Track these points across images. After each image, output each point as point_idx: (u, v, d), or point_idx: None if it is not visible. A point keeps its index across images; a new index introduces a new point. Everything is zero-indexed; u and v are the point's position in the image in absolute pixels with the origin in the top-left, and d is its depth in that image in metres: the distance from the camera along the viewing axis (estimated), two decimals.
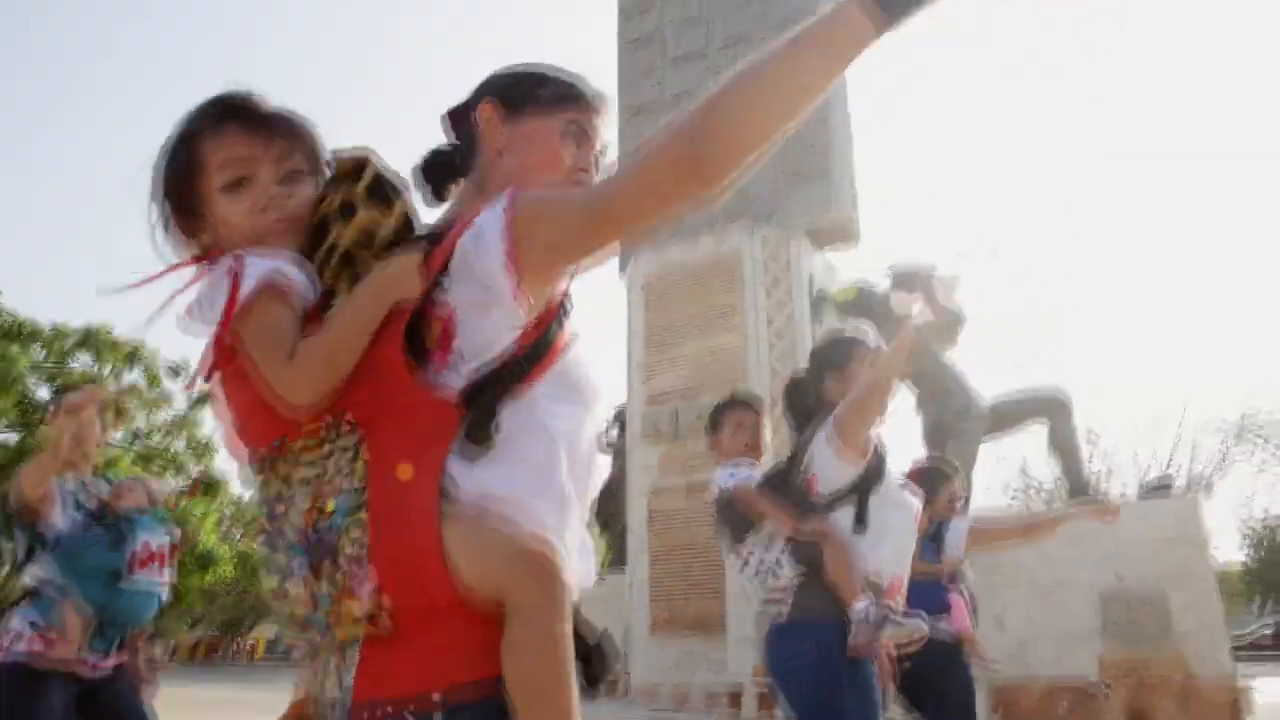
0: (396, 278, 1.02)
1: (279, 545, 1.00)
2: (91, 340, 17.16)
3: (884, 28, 0.90)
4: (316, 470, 0.98)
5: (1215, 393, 29.31)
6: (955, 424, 7.53)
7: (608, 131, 1.26)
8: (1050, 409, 7.63)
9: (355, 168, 1.09)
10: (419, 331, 1.03)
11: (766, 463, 2.92)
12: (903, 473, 2.94)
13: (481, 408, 1.00)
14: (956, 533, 3.84)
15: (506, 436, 1.00)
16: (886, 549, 2.42)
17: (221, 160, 1.08)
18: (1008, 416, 7.79)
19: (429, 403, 1.00)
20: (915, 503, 2.54)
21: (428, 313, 1.04)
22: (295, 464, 1.00)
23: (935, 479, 3.86)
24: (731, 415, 3.07)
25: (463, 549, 0.93)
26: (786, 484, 2.69)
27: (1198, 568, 6.46)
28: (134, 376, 17.64)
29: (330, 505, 0.96)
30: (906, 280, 8.10)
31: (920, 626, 2.31)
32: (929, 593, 3.79)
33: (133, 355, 17.34)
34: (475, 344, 1.03)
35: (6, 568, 2.86)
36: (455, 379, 1.01)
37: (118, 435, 16.27)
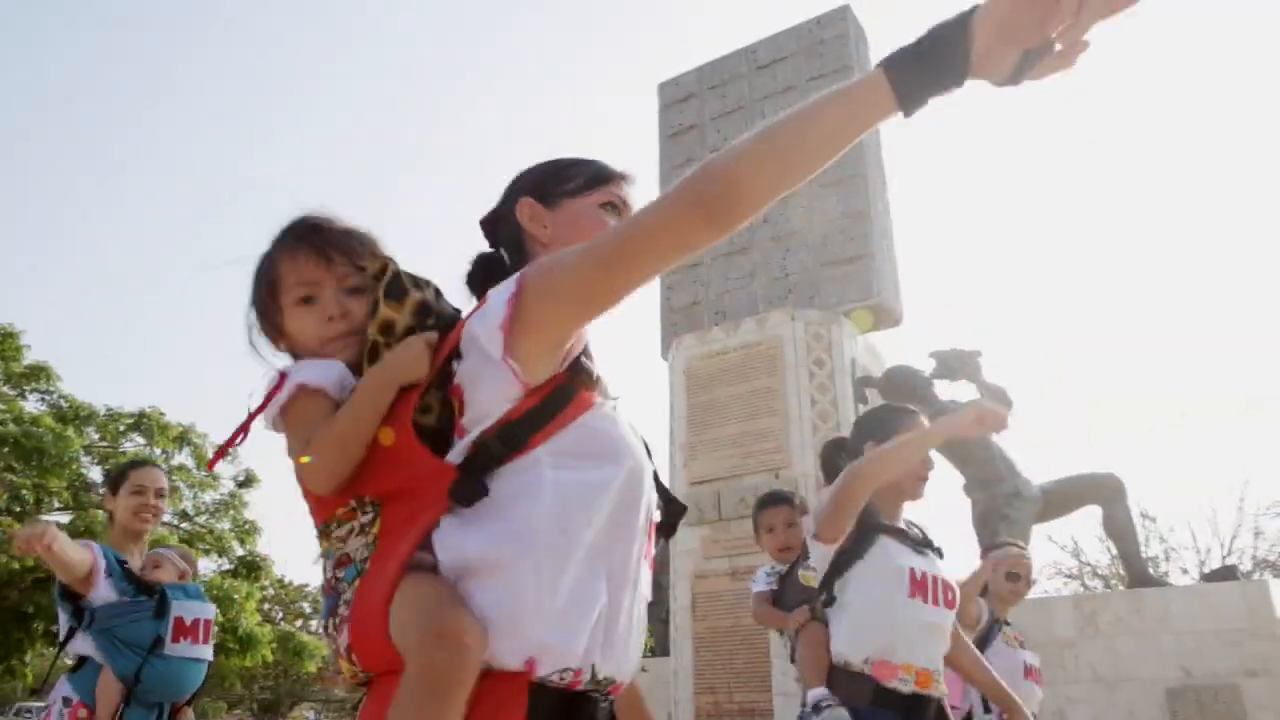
0: (402, 360, 1.12)
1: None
2: (144, 423, 17.57)
3: (906, 111, 0.94)
4: (344, 545, 1.08)
5: (1275, 475, 28.28)
6: (1005, 508, 7.38)
7: (638, 200, 1.31)
8: (1103, 493, 7.47)
9: (379, 271, 1.22)
10: (440, 410, 1.10)
11: None
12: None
13: (466, 471, 1.04)
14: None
15: (498, 499, 1.03)
16: (853, 620, 2.28)
17: (293, 281, 1.24)
18: (1060, 500, 7.62)
19: (434, 473, 1.05)
20: (924, 567, 2.33)
21: (447, 392, 1.10)
22: (332, 539, 1.11)
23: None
24: (765, 517, 3.22)
25: (395, 611, 0.99)
26: (789, 578, 2.85)
27: (1273, 659, 6.15)
28: (183, 458, 17.98)
29: (343, 573, 1.07)
30: (950, 363, 8.08)
31: (838, 717, 2.18)
32: None
33: (182, 437, 17.70)
34: (478, 412, 1.08)
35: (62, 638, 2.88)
36: (463, 449, 1.07)
37: (166, 515, 16.50)
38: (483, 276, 1.28)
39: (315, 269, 1.23)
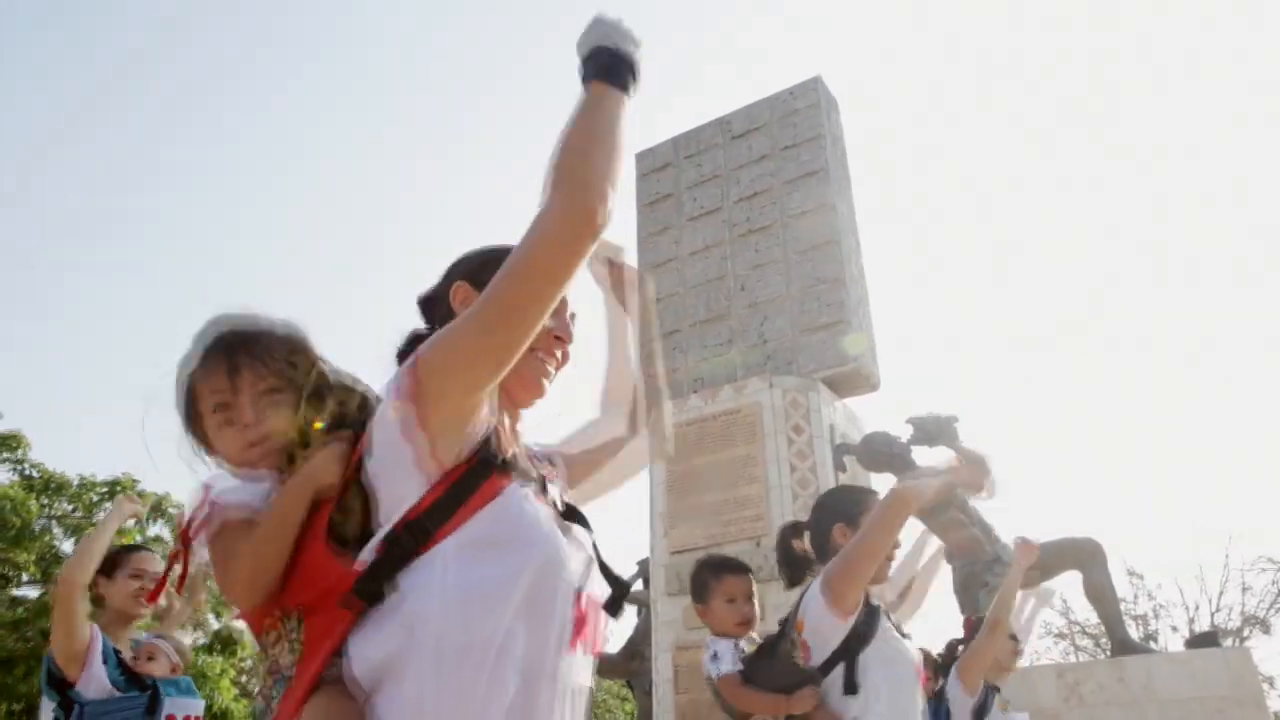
0: (310, 471, 1.13)
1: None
2: (118, 491, 17.27)
3: (620, 89, 1.14)
4: (274, 656, 1.10)
5: (1260, 533, 28.37)
6: (986, 575, 7.35)
7: (575, 301, 1.35)
8: (1082, 558, 7.46)
9: (307, 371, 1.24)
10: (362, 513, 1.12)
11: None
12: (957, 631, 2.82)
13: (373, 571, 1.05)
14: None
15: (400, 597, 1.04)
16: (883, 710, 2.26)
17: (206, 392, 1.24)
18: (1040, 566, 7.58)
19: (345, 580, 1.07)
20: (915, 654, 2.41)
21: (365, 494, 1.12)
22: (266, 650, 1.14)
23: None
24: (727, 585, 2.81)
25: None
26: (775, 655, 2.53)
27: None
28: (158, 529, 17.64)
29: (272, 682, 1.09)
30: (928, 429, 8.12)
31: None
32: None
33: (158, 507, 17.40)
34: (387, 508, 1.09)
35: None
36: (372, 547, 1.08)
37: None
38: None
39: (225, 380, 1.23)
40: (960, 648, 3.96)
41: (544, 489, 1.22)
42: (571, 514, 1.25)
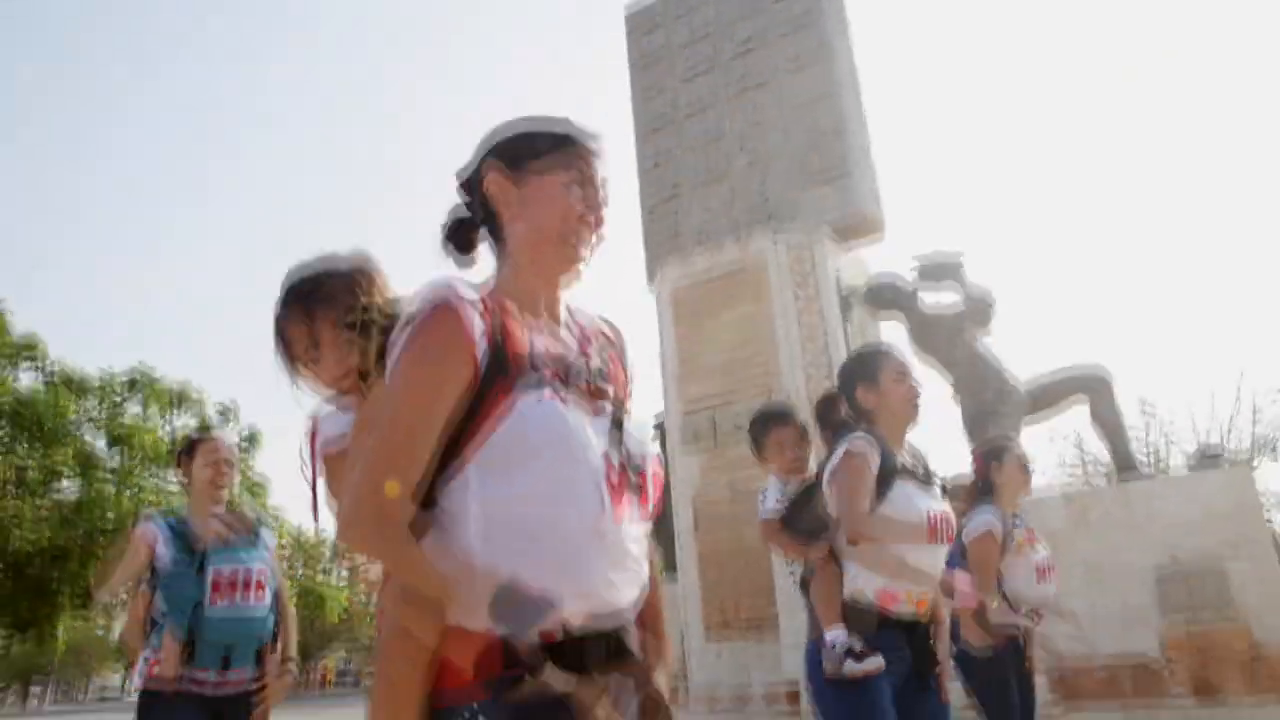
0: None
1: None
2: (138, 385, 17.57)
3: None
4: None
5: (1273, 357, 28.49)
6: (994, 409, 7.50)
7: (605, 167, 1.36)
8: (1089, 386, 7.57)
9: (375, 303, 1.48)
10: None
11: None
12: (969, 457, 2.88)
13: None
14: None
15: (441, 517, 1.15)
16: (883, 565, 2.41)
17: (294, 338, 1.48)
18: (1046, 397, 7.74)
19: None
20: (930, 512, 2.46)
21: None
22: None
23: (997, 452, 3.93)
24: (776, 434, 3.18)
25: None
26: (810, 506, 2.80)
27: (1255, 536, 6.33)
28: (185, 419, 18.06)
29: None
30: (934, 271, 8.10)
31: (876, 663, 2.34)
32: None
33: (181, 397, 17.76)
34: None
35: None
36: None
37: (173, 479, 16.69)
38: (457, 236, 1.35)
39: (305, 326, 1.46)
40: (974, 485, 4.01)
41: (566, 377, 1.24)
42: (602, 387, 1.29)
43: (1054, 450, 23.80)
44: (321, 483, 1.40)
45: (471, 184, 1.35)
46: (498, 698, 1.07)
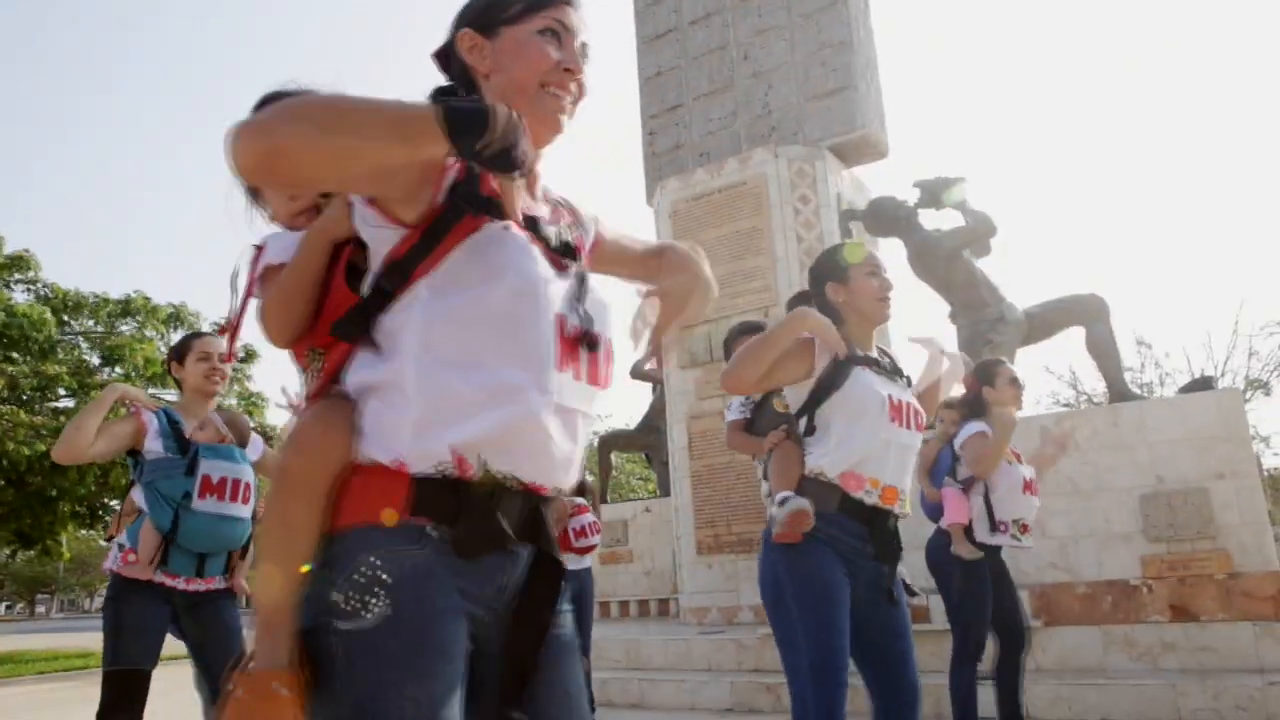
0: (326, 218, 1.22)
1: None
2: (132, 308, 17.54)
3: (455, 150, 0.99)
4: (308, 389, 1.24)
5: (1270, 295, 28.49)
6: (990, 333, 7.50)
7: (586, 29, 1.29)
8: (1086, 313, 7.55)
9: None
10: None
11: None
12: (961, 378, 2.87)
13: (356, 310, 1.14)
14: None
15: (385, 333, 1.12)
16: (831, 448, 2.40)
17: None
18: (1043, 323, 7.72)
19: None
20: (891, 394, 2.43)
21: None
22: (305, 385, 1.29)
23: (989, 368, 4.00)
24: (742, 344, 3.20)
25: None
26: (767, 407, 3.00)
27: (1241, 462, 6.38)
28: (179, 337, 18.03)
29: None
30: (934, 191, 7.99)
31: (799, 504, 2.32)
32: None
33: (176, 317, 17.72)
34: (375, 253, 1.16)
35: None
36: (365, 290, 1.17)
37: (172, 394, 16.77)
38: None
39: None
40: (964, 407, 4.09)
41: (535, 226, 1.20)
42: (568, 251, 1.24)
43: (1048, 385, 23.92)
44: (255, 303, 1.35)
45: (448, 57, 1.30)
46: (402, 547, 1.05)
